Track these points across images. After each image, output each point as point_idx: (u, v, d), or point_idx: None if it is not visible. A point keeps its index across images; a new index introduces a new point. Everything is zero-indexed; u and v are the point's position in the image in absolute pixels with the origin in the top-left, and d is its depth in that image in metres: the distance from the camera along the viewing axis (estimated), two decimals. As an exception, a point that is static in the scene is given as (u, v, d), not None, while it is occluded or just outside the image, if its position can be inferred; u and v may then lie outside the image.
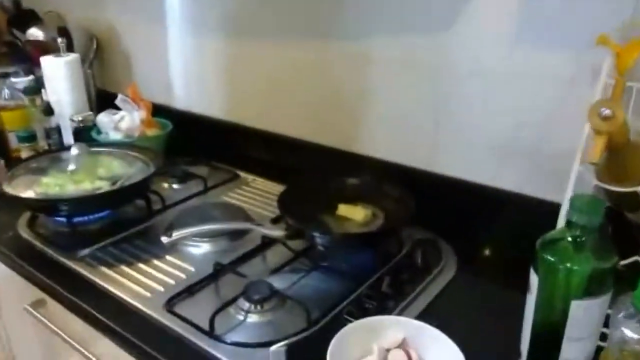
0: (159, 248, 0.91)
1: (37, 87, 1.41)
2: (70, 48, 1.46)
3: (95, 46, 1.56)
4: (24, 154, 1.28)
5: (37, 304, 0.92)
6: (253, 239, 0.93)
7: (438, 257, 0.88)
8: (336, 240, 0.87)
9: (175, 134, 1.35)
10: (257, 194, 1.16)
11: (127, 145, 1.15)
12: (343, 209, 0.96)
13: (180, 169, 1.24)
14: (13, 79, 1.45)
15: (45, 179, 0.98)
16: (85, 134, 1.31)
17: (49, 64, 1.35)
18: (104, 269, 0.87)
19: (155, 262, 0.90)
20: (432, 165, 1.00)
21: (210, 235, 0.92)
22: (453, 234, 0.94)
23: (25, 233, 0.98)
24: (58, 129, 1.35)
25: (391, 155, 1.06)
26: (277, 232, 0.87)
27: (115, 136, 1.29)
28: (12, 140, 1.33)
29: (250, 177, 1.24)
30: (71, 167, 1.01)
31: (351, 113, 1.10)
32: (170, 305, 0.77)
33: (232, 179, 1.23)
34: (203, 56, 1.35)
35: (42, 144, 1.35)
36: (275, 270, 0.84)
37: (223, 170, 1.28)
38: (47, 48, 1.44)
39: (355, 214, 0.94)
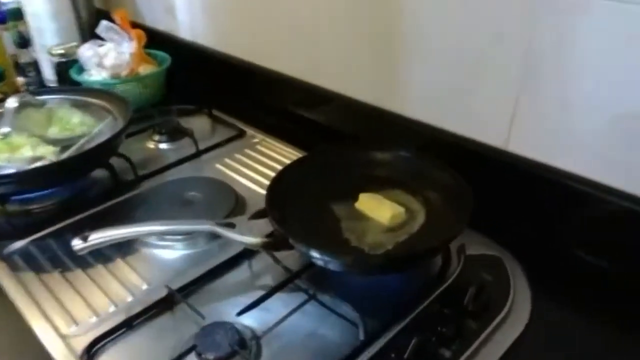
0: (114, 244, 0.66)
1: (19, 11, 1.15)
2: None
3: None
4: (-10, 98, 1.05)
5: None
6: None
7: (505, 287, 0.57)
8: (334, 262, 0.56)
9: (176, 71, 1.07)
10: (263, 163, 0.87)
11: (95, 93, 0.88)
12: (365, 201, 0.65)
13: (171, 122, 0.97)
14: (0, -1, 1.21)
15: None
16: (68, 71, 1.06)
17: (24, -18, 1.09)
18: (30, 278, 0.64)
19: (102, 268, 0.65)
20: (507, 142, 0.65)
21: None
22: (529, 249, 0.61)
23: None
24: (35, 64, 1.10)
25: (446, 122, 0.72)
26: (250, 239, 0.58)
27: (99, 75, 1.03)
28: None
29: (258, 136, 0.95)
30: (4, 127, 0.76)
31: (398, 58, 0.75)
32: (91, 354, 0.53)
33: (236, 137, 0.95)
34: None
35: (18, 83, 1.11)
36: (252, 305, 0.56)
37: (226, 125, 0.99)
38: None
39: (380, 212, 0.63)
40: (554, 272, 0.59)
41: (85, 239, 0.54)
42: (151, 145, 0.94)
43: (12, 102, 0.77)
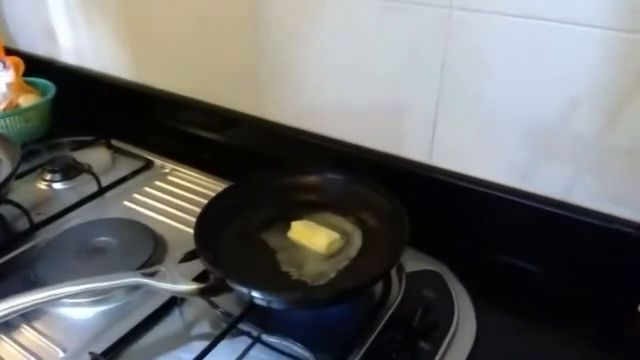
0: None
1: None
2: None
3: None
4: None
5: None
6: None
7: (448, 302, 0.58)
8: (279, 301, 0.52)
9: (62, 100, 0.96)
10: (179, 195, 0.81)
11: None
12: (298, 230, 0.63)
13: (64, 157, 0.87)
14: None
15: None
16: None
17: None
18: None
19: (5, 339, 0.56)
20: (431, 156, 0.67)
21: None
22: (462, 259, 0.63)
23: None
24: None
25: (368, 139, 0.72)
26: (184, 286, 0.53)
27: (-32, 111, 0.89)
28: None
29: (167, 166, 0.88)
30: None
31: (302, 72, 0.74)
32: None
33: (142, 169, 0.87)
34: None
35: None
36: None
37: (129, 156, 0.91)
38: None
39: (315, 240, 0.61)
40: (489, 280, 0.61)
41: (-15, 313, 0.46)
42: (43, 186, 0.83)
43: None
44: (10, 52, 0.98)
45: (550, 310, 0.58)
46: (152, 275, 0.53)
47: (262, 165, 0.80)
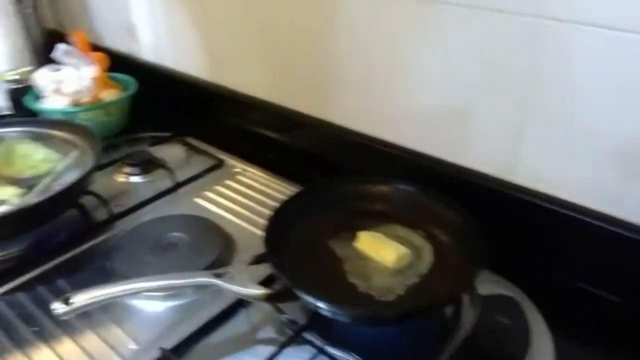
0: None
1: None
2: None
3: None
4: None
5: None
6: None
7: (524, 330, 0.55)
8: (345, 315, 0.52)
9: (141, 96, 1.00)
10: (247, 195, 0.82)
11: (58, 124, 0.81)
12: (366, 241, 0.62)
13: (143, 152, 0.90)
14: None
15: None
16: (23, 97, 0.97)
17: (-36, 1, 0.99)
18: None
19: (82, 326, 0.58)
20: (511, 172, 0.64)
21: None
22: (538, 285, 0.60)
23: None
24: (-15, 92, 1.00)
25: (443, 150, 0.69)
26: (253, 290, 0.54)
27: (57, 103, 0.95)
28: None
29: (238, 166, 0.90)
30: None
31: (385, 81, 0.72)
32: None
33: (214, 167, 0.89)
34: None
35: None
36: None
37: (203, 154, 0.93)
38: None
39: (383, 253, 0.59)
40: (568, 308, 0.58)
41: (67, 302, 0.48)
42: (121, 178, 0.87)
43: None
44: (95, 48, 1.03)
45: (631, 343, 0.54)
46: (222, 276, 0.54)
47: (331, 171, 0.79)
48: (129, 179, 0.87)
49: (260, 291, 0.53)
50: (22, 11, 1.10)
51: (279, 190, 0.83)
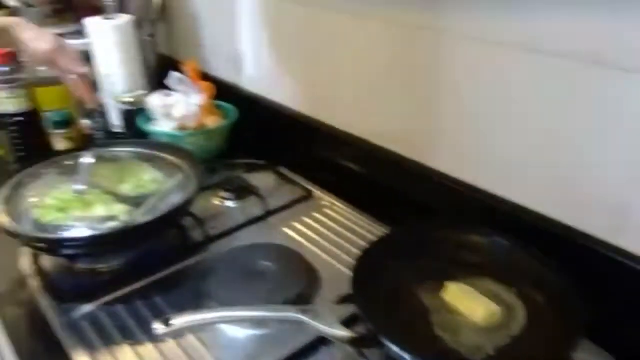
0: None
1: (88, 55, 1.17)
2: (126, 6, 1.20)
3: (157, 5, 1.28)
4: (58, 144, 1.05)
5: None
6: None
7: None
8: None
9: (240, 124, 1.06)
10: (334, 230, 0.83)
11: (166, 147, 0.87)
12: (454, 293, 0.60)
13: (237, 179, 0.95)
14: (68, 41, 1.23)
15: (49, 198, 0.73)
16: (135, 119, 1.06)
17: (95, 28, 1.10)
18: (99, 348, 0.61)
19: (173, 344, 0.61)
20: (620, 236, 0.60)
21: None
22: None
23: (26, 267, 0.75)
24: (102, 111, 1.10)
25: (544, 205, 0.66)
26: (338, 332, 0.54)
27: (166, 126, 1.02)
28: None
29: (326, 199, 0.92)
30: (79, 184, 0.74)
31: (487, 129, 0.71)
32: None
33: (303, 199, 0.92)
34: (285, 26, 1.01)
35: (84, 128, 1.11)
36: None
37: (293, 184, 0.96)
38: (97, 7, 1.19)
39: (473, 308, 0.58)
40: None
41: (167, 323, 0.51)
42: (217, 201, 0.92)
43: (87, 159, 0.76)
44: (204, 76, 1.10)
45: None
46: (308, 312, 0.55)
47: (422, 215, 0.79)
48: (224, 203, 0.91)
49: (344, 333, 0.54)
50: (141, 38, 1.20)
51: (366, 228, 0.83)
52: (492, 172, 0.71)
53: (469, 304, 0.58)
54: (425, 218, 0.75)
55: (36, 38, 0.87)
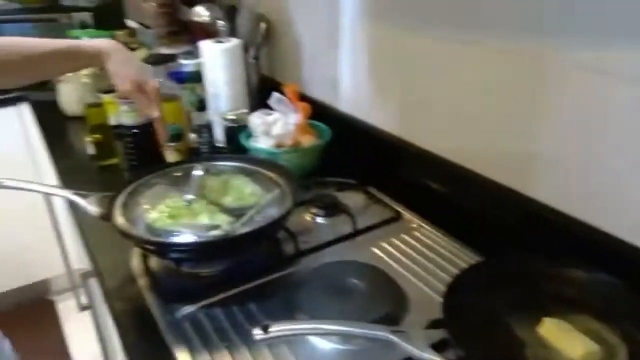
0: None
1: (200, 74, 1.27)
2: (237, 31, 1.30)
3: (263, 30, 1.36)
4: (169, 156, 1.14)
5: None
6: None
7: None
8: None
9: (333, 143, 1.09)
10: (423, 253, 0.83)
11: (266, 164, 0.92)
12: (551, 329, 0.59)
13: (329, 197, 0.98)
14: (182, 61, 1.35)
15: (162, 205, 0.80)
16: (237, 136, 1.13)
17: (207, 50, 1.19)
18: (199, 347, 0.66)
19: (266, 351, 0.65)
20: None
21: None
22: None
23: (136, 266, 0.82)
24: (209, 127, 1.19)
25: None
26: (429, 356, 0.54)
27: (265, 143, 1.08)
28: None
29: (415, 222, 0.92)
30: (189, 195, 0.81)
31: (590, 162, 0.69)
32: None
33: (392, 220, 0.93)
34: (384, 52, 1.04)
35: (191, 142, 1.21)
36: None
37: (382, 205, 0.98)
38: (210, 31, 1.29)
39: (570, 346, 0.56)
40: None
41: (266, 330, 0.54)
42: (308, 217, 0.95)
43: (198, 171, 0.83)
44: (302, 97, 1.15)
45: None
46: (399, 333, 0.56)
47: (516, 246, 0.77)
48: (315, 219, 0.95)
49: (436, 358, 0.54)
50: (247, 61, 1.28)
51: (455, 253, 0.82)
52: (597, 206, 0.68)
53: (567, 341, 0.56)
54: (520, 248, 0.73)
55: (120, 73, 0.87)
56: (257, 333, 0.54)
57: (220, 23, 1.19)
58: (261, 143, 1.08)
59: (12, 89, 1.59)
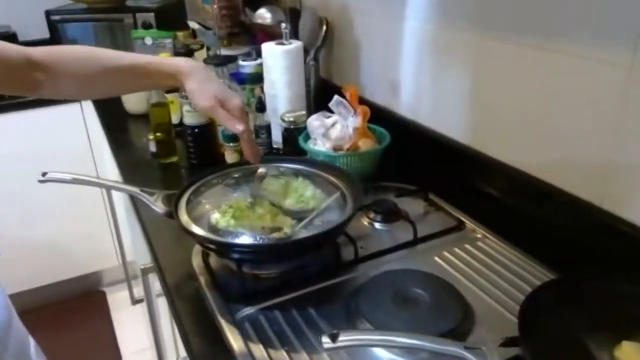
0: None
1: (259, 75, 1.28)
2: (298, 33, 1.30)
3: (324, 32, 1.36)
4: (228, 156, 1.15)
5: None
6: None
7: None
8: None
9: (393, 148, 1.07)
10: (488, 265, 0.80)
11: (326, 166, 0.91)
12: (629, 352, 0.55)
13: (388, 202, 0.96)
14: (241, 62, 1.36)
15: (224, 205, 0.81)
16: (295, 137, 1.13)
17: (268, 51, 1.20)
18: (259, 349, 0.66)
19: (324, 355, 0.64)
20: None
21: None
22: None
23: (196, 264, 0.83)
24: (268, 128, 1.19)
25: None
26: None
27: (323, 146, 1.07)
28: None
29: (479, 231, 0.89)
30: (251, 196, 0.81)
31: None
32: None
33: (455, 228, 0.90)
34: (448, 56, 1.01)
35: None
36: None
37: (443, 212, 0.95)
38: (272, 33, 1.29)
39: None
40: None
41: (334, 339, 0.53)
42: (365, 222, 0.94)
43: (261, 173, 0.83)
44: (361, 100, 1.14)
45: None
46: (473, 350, 0.54)
47: (590, 262, 0.73)
48: (373, 224, 0.93)
49: (510, 378, 0.51)
50: (306, 63, 1.28)
51: (524, 267, 0.79)
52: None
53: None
54: (596, 265, 0.69)
55: (200, 91, 0.80)
56: (326, 341, 0.53)
57: (282, 25, 1.19)
58: (319, 145, 1.08)
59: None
